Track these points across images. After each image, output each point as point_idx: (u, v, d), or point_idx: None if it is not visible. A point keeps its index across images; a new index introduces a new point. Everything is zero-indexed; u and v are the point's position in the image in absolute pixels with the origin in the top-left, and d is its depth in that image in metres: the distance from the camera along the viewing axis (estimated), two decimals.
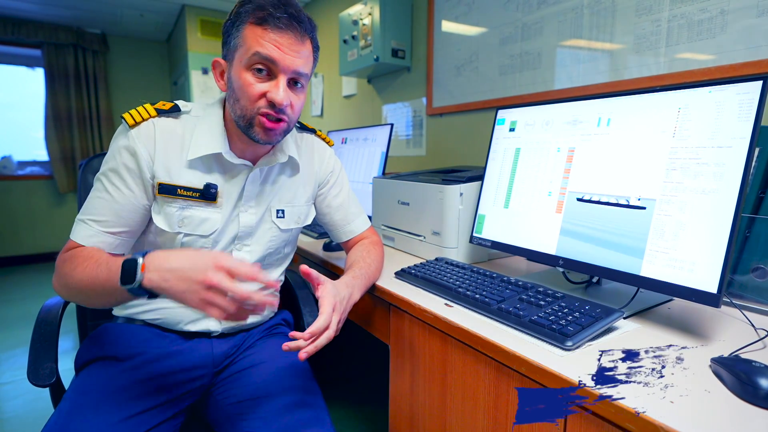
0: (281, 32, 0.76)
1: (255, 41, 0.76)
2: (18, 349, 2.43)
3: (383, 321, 0.97)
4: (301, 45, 0.79)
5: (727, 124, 0.65)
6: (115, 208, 0.80)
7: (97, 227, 0.80)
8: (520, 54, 1.56)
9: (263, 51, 0.76)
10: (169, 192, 0.83)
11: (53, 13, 3.86)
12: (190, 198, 0.85)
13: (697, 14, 1.07)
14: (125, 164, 0.80)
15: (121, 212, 0.81)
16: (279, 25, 0.76)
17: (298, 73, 0.80)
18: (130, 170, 0.80)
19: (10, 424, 1.76)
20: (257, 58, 0.76)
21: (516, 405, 0.64)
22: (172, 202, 0.84)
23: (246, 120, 0.80)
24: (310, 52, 0.82)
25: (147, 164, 0.81)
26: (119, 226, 0.81)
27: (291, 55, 0.78)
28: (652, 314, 0.77)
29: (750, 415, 0.47)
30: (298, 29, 0.78)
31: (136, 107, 0.83)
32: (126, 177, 0.80)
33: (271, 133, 0.81)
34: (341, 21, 2.36)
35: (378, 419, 1.73)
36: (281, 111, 0.80)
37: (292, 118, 0.84)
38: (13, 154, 4.31)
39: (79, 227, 0.80)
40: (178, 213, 0.84)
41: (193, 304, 0.64)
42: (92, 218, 0.80)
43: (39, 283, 3.68)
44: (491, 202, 1.03)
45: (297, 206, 1.00)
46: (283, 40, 0.77)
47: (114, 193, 0.80)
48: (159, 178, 0.82)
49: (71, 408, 0.76)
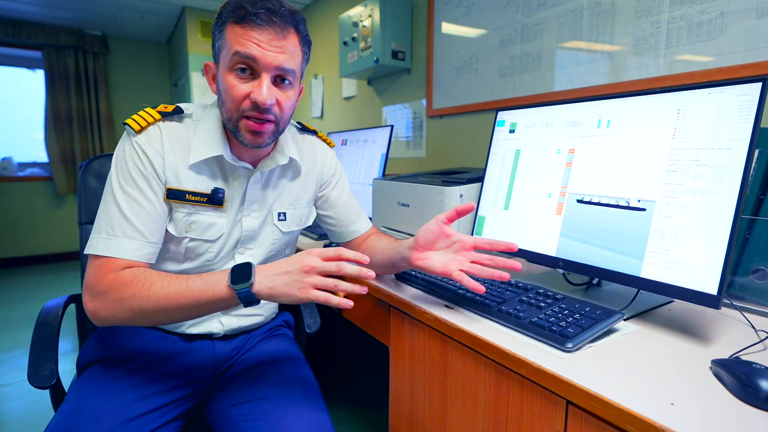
0: (260, 29, 0.73)
1: (234, 41, 0.74)
2: (18, 351, 2.43)
3: (383, 323, 0.97)
4: (283, 39, 0.75)
5: (726, 125, 0.65)
6: (151, 214, 0.78)
7: (140, 239, 0.76)
8: (520, 56, 1.56)
9: (242, 50, 0.73)
10: (178, 197, 0.81)
11: (54, 15, 3.86)
12: (198, 203, 0.83)
13: (697, 16, 1.08)
14: (145, 168, 0.78)
15: (156, 218, 0.79)
16: (257, 21, 0.73)
17: (283, 69, 0.77)
18: (146, 176, 0.78)
19: (10, 425, 1.75)
20: (238, 58, 0.74)
21: (516, 407, 0.64)
22: (181, 208, 0.83)
23: (233, 123, 0.79)
24: (295, 45, 0.78)
25: (160, 169, 0.79)
26: (157, 233, 0.79)
27: (272, 51, 0.74)
28: (652, 316, 0.77)
29: (751, 417, 0.47)
30: (278, 23, 0.75)
31: (137, 112, 0.81)
32: (151, 181, 0.78)
33: (257, 135, 0.79)
34: (341, 23, 2.36)
35: (378, 421, 1.72)
36: (267, 111, 0.77)
37: (280, 117, 0.80)
38: (14, 155, 4.31)
39: (116, 243, 0.75)
40: (185, 218, 0.83)
41: (298, 293, 0.69)
42: (130, 230, 0.76)
43: (38, 285, 3.67)
44: (491, 204, 1.03)
45: (299, 209, 0.99)
46: (262, 36, 0.74)
47: (142, 201, 0.77)
48: (169, 183, 0.80)
49: (73, 410, 0.76)
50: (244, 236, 0.90)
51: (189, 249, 0.86)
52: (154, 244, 0.79)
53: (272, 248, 0.96)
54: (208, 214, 0.85)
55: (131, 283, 0.71)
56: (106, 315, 0.73)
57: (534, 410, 0.61)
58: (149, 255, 0.78)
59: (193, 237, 0.85)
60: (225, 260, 0.91)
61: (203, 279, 0.71)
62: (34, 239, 4.33)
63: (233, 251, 0.91)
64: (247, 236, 0.91)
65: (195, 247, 0.86)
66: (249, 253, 0.93)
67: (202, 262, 0.88)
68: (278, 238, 0.96)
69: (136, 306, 0.71)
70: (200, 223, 0.84)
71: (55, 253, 4.43)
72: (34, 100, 4.29)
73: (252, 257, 0.93)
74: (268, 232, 0.94)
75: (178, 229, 0.83)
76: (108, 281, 0.72)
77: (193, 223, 0.84)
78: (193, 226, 0.84)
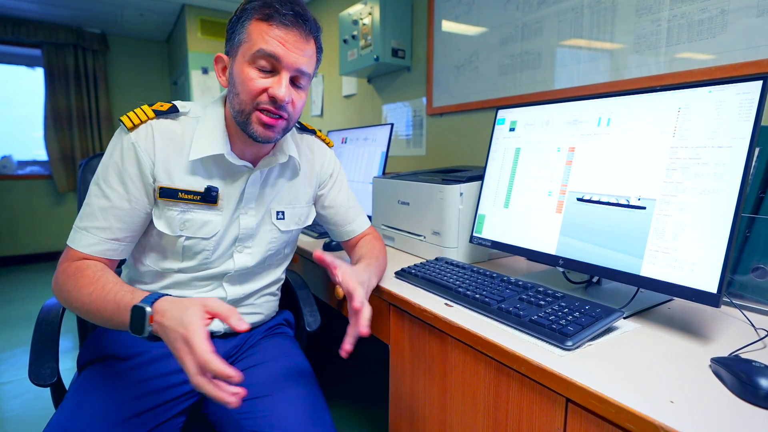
0: (286, 29, 0.76)
1: (260, 37, 0.76)
2: (18, 349, 2.43)
3: (383, 321, 0.97)
4: (306, 44, 0.79)
5: (727, 124, 0.65)
6: (118, 214, 0.79)
7: (100, 235, 0.78)
8: (521, 54, 1.56)
9: (267, 48, 0.75)
10: (170, 196, 0.82)
11: (53, 13, 3.86)
12: (191, 201, 0.84)
13: (698, 14, 1.07)
14: (125, 168, 0.79)
15: (123, 218, 0.80)
16: (285, 22, 0.76)
17: (301, 72, 0.80)
18: (130, 175, 0.79)
19: (10, 423, 1.76)
20: (261, 54, 0.76)
21: (516, 405, 0.64)
22: (173, 206, 0.83)
23: (244, 115, 0.79)
24: (314, 52, 0.82)
25: (148, 168, 0.80)
26: (122, 232, 0.80)
27: (295, 52, 0.77)
28: (652, 314, 0.77)
29: (750, 415, 0.47)
30: (304, 27, 0.78)
31: (134, 109, 0.81)
32: (126, 182, 0.79)
33: (269, 129, 0.80)
34: (341, 21, 2.36)
35: (378, 419, 1.73)
36: (282, 108, 0.79)
37: (292, 116, 0.83)
38: (13, 153, 4.31)
39: (79, 235, 0.78)
40: (179, 216, 0.84)
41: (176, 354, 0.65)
42: (93, 225, 0.78)
43: (38, 283, 3.68)
44: (491, 202, 1.03)
45: (297, 208, 0.99)
46: (288, 37, 0.76)
47: (114, 199, 0.79)
48: (160, 182, 0.81)
49: (74, 408, 0.76)
50: (243, 234, 0.91)
51: (186, 247, 0.86)
52: (117, 242, 0.80)
53: (270, 247, 0.96)
54: (202, 212, 0.85)
55: (71, 278, 0.75)
56: (54, 291, 0.79)
57: (534, 408, 0.61)
58: (108, 251, 0.79)
59: (188, 235, 0.85)
60: (223, 259, 0.91)
61: (117, 304, 0.69)
62: (33, 237, 4.33)
63: (231, 249, 0.91)
64: (245, 234, 0.91)
65: (192, 245, 0.86)
66: (247, 251, 0.93)
67: (200, 260, 0.88)
68: (276, 236, 0.96)
69: (65, 298, 0.77)
70: (194, 221, 0.85)
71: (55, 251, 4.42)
72: (33, 98, 4.29)
73: (250, 255, 0.93)
74: (266, 230, 0.95)
75: (172, 227, 0.84)
76: (63, 267, 0.78)
77: (187, 221, 0.84)
78: (187, 224, 0.84)
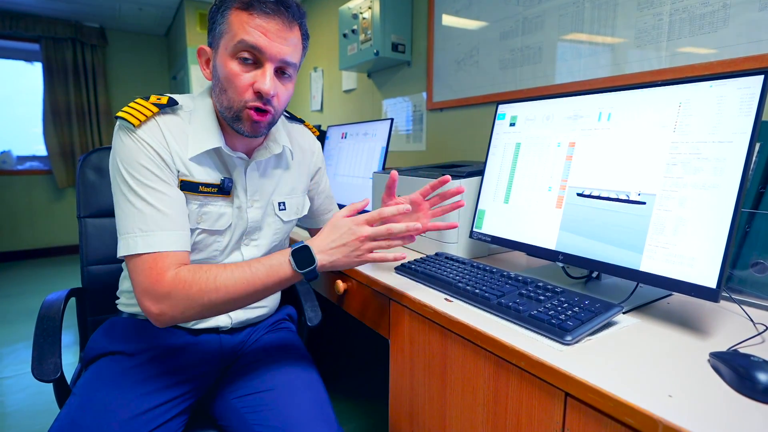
0: (268, 18, 0.72)
1: (240, 28, 0.72)
2: (19, 344, 2.44)
3: (383, 315, 0.98)
4: (289, 32, 0.75)
5: (727, 118, 0.65)
6: (179, 203, 0.78)
7: (177, 229, 0.76)
8: (521, 48, 1.55)
9: (249, 38, 0.72)
10: (192, 189, 0.81)
11: (51, 7, 3.83)
12: (210, 194, 0.83)
13: (699, 8, 1.07)
14: (155, 162, 0.76)
15: (183, 207, 0.79)
16: (265, 10, 0.72)
17: (286, 62, 0.76)
18: (161, 167, 0.76)
19: (12, 417, 1.77)
20: (242, 46, 0.73)
21: (515, 399, 0.64)
22: (193, 199, 0.82)
23: (233, 112, 0.77)
24: (298, 39, 0.78)
25: (169, 160, 0.78)
26: (186, 222, 0.79)
27: (278, 42, 0.74)
28: (651, 309, 0.77)
29: (748, 409, 0.47)
30: (286, 15, 0.74)
31: (129, 104, 0.78)
32: (162, 174, 0.76)
33: (256, 125, 0.79)
34: (341, 15, 2.34)
35: (378, 413, 1.74)
36: (268, 102, 0.77)
37: (277, 109, 0.80)
38: (12, 148, 4.30)
39: (153, 238, 0.73)
40: (197, 209, 0.82)
41: (357, 260, 0.75)
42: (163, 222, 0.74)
43: (38, 278, 3.68)
44: (491, 197, 1.03)
45: (295, 197, 1.00)
46: (269, 26, 0.73)
47: (167, 191, 0.76)
48: (181, 174, 0.80)
49: (82, 403, 0.76)
50: (250, 227, 0.90)
51: (197, 241, 0.85)
52: (187, 232, 0.79)
53: (275, 238, 0.96)
54: (219, 204, 0.85)
55: (194, 280, 0.71)
56: (174, 314, 0.72)
57: (533, 402, 0.61)
58: (188, 243, 0.79)
59: (204, 228, 0.84)
60: (231, 252, 0.91)
61: (264, 265, 0.74)
62: (33, 233, 4.33)
63: (239, 242, 0.91)
64: (252, 227, 0.91)
65: (203, 239, 0.86)
66: (254, 244, 0.93)
67: (209, 253, 0.88)
68: (280, 228, 0.96)
69: (206, 300, 0.71)
70: (211, 214, 0.84)
71: (54, 246, 4.43)
72: (32, 94, 4.27)
73: (257, 248, 0.93)
74: (271, 222, 0.95)
75: (190, 220, 0.83)
76: (168, 282, 0.71)
77: (205, 214, 0.84)
78: (205, 217, 0.84)
